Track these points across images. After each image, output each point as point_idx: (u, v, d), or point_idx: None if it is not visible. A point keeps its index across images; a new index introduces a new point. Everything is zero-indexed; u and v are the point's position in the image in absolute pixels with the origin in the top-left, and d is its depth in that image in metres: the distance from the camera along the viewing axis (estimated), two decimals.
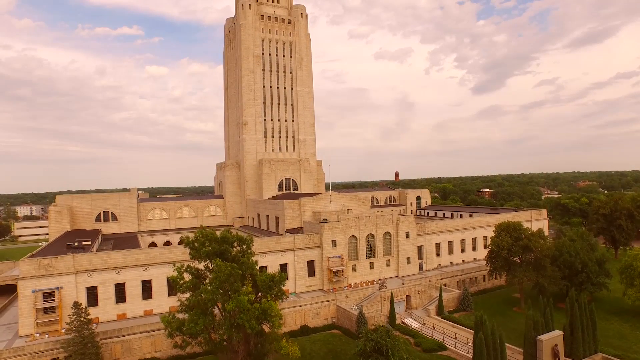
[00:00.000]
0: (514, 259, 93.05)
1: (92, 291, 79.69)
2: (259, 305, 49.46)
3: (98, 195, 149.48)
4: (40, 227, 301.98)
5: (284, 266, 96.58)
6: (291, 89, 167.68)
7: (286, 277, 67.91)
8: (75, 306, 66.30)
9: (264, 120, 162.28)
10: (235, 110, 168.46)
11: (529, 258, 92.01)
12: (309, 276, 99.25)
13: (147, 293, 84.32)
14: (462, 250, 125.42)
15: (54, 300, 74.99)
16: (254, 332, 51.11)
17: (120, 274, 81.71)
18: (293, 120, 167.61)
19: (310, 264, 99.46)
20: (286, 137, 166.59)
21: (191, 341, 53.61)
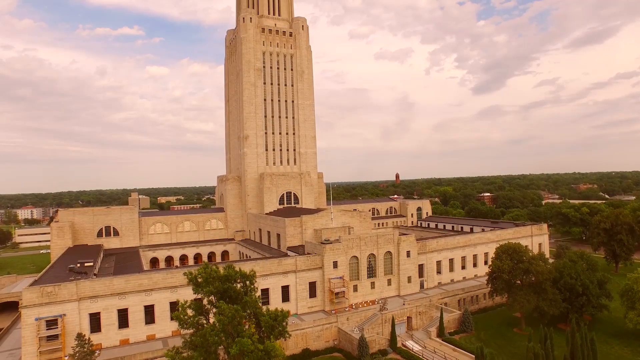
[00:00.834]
0: (515, 281, 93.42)
1: (95, 317, 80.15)
2: (262, 346, 49.81)
3: (100, 210, 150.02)
4: (42, 234, 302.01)
5: (285, 288, 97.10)
6: (292, 101, 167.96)
7: (288, 301, 67.96)
8: (79, 337, 66.90)
9: (265, 133, 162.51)
10: (237, 123, 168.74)
11: (530, 280, 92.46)
12: (310, 297, 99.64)
13: (150, 317, 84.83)
14: (463, 267, 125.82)
15: (57, 327, 75.47)
16: None
17: (123, 300, 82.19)
18: (294, 134, 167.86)
19: (312, 285, 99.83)
20: (287, 151, 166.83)
21: None
